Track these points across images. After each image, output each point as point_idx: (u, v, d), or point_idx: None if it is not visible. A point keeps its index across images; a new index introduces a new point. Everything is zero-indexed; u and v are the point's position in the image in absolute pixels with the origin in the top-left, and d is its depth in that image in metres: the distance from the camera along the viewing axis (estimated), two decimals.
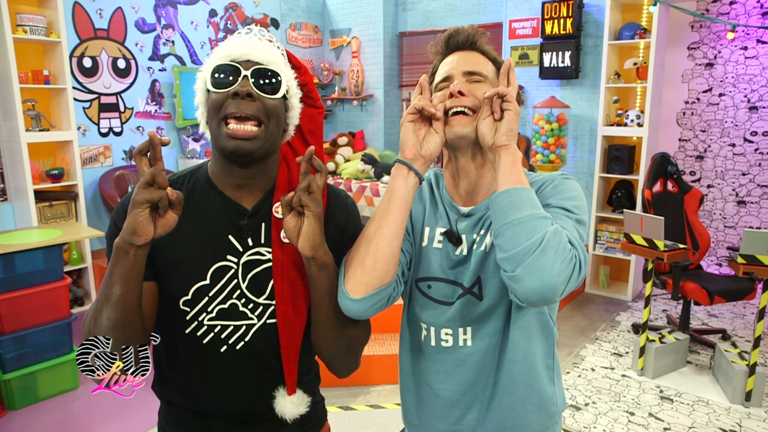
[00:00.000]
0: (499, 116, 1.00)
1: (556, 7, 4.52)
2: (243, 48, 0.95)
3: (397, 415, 2.86)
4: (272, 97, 0.96)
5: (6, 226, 3.96)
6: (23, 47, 3.80)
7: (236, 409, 1.04)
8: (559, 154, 4.54)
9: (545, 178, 1.09)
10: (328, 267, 0.96)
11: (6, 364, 2.71)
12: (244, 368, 1.02)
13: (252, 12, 5.72)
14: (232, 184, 1.01)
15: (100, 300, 0.87)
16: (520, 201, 0.93)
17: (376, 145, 6.35)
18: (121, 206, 0.99)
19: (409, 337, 1.18)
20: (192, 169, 1.08)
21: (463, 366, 1.10)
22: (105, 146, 4.60)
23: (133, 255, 0.85)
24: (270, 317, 1.02)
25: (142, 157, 0.87)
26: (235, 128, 0.92)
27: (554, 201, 1.03)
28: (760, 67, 4.41)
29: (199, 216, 1.00)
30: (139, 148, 0.87)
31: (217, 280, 0.99)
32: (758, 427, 2.72)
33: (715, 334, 3.77)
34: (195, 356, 1.01)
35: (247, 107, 0.92)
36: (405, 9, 6.10)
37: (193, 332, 1.00)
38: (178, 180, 1.05)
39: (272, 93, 0.96)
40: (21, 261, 2.71)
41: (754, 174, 4.54)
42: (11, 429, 2.64)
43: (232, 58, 0.95)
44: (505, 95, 1.00)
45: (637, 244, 3.20)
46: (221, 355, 1.01)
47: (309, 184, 0.91)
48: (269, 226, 1.02)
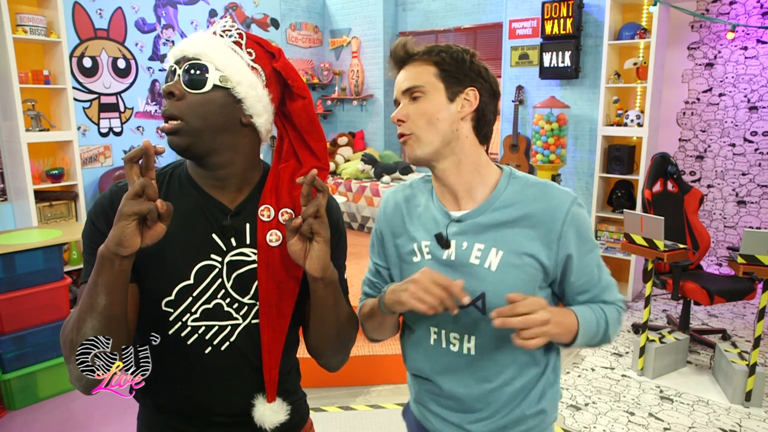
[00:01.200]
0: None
1: (556, 7, 4.52)
2: (180, 45, 0.95)
3: (398, 415, 2.87)
4: (197, 92, 0.92)
5: (6, 226, 3.96)
6: (23, 47, 3.80)
7: (220, 411, 1.02)
8: (559, 154, 4.54)
9: (558, 209, 1.05)
10: (334, 283, 0.96)
11: (6, 364, 2.71)
12: (228, 369, 1.00)
13: (252, 12, 5.72)
14: (207, 183, 1.00)
15: (83, 309, 0.85)
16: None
17: (376, 145, 6.35)
18: (99, 206, 0.96)
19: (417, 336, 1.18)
20: (172, 165, 1.05)
21: (468, 369, 1.11)
22: (105, 146, 4.60)
23: (119, 265, 0.82)
24: (254, 317, 1.00)
25: (132, 165, 0.82)
26: (163, 125, 0.94)
27: (582, 251, 1.08)
28: (760, 67, 4.40)
29: (181, 214, 0.97)
30: (130, 156, 0.82)
31: (201, 279, 0.97)
32: (758, 427, 2.72)
33: (715, 334, 3.77)
34: (178, 358, 0.98)
35: (169, 106, 0.93)
36: (405, 9, 6.10)
37: (176, 333, 0.97)
38: (158, 176, 1.00)
39: (199, 87, 0.92)
40: (21, 261, 2.71)
41: (754, 174, 4.54)
42: (11, 429, 2.64)
43: (173, 58, 0.95)
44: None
45: (637, 244, 3.19)
46: (205, 356, 0.98)
47: (317, 209, 0.88)
48: (254, 227, 0.99)
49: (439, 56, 1.05)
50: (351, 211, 5.54)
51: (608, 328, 1.10)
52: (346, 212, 5.58)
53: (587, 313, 1.08)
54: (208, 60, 0.93)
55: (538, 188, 1.08)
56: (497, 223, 1.06)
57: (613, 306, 1.13)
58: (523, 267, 1.04)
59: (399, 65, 1.10)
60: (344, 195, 5.45)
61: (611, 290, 1.13)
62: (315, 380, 3.06)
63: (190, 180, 1.01)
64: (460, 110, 1.05)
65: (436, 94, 1.04)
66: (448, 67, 1.05)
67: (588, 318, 1.07)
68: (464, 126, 1.07)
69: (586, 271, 1.08)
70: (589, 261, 1.09)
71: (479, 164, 1.09)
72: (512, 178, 1.10)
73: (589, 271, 1.09)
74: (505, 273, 1.04)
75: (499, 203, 1.07)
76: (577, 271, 1.08)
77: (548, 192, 1.07)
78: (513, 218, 1.05)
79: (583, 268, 1.08)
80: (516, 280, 1.04)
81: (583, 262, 1.07)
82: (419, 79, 1.05)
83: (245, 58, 0.96)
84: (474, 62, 1.07)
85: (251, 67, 0.97)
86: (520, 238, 1.04)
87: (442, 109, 1.04)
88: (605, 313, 1.10)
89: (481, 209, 1.08)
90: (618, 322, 1.12)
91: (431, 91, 1.05)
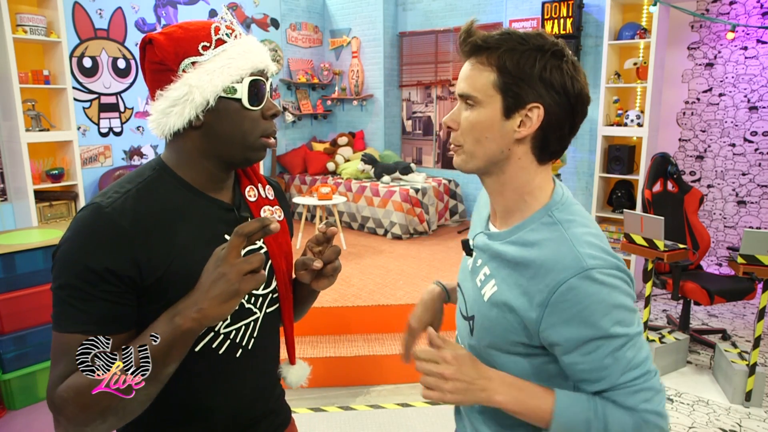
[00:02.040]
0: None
1: (556, 7, 4.52)
2: (263, 57, 0.94)
3: (398, 415, 2.87)
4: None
5: (6, 226, 3.96)
6: (23, 47, 3.80)
7: (241, 413, 1.01)
8: None
9: (554, 273, 0.83)
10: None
11: (6, 364, 2.71)
12: (252, 366, 0.99)
13: (252, 12, 5.72)
14: (209, 185, 0.95)
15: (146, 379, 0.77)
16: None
17: (376, 145, 6.35)
18: (92, 244, 0.81)
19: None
20: (150, 173, 0.91)
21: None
22: (105, 146, 4.60)
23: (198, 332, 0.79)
24: (268, 306, 1.01)
25: (244, 239, 0.77)
26: (271, 141, 0.97)
27: (577, 338, 0.83)
28: (760, 67, 4.40)
29: (194, 224, 0.91)
30: (247, 231, 0.76)
31: None
32: (758, 427, 2.72)
33: (715, 334, 3.77)
34: (203, 371, 0.92)
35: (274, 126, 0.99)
36: (405, 9, 6.10)
37: (206, 346, 0.91)
38: (140, 201, 0.86)
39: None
40: (21, 261, 2.71)
41: (754, 174, 4.54)
42: (11, 429, 2.64)
43: (260, 68, 0.93)
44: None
45: (637, 244, 3.19)
46: (236, 359, 0.96)
47: (338, 255, 0.99)
48: (251, 216, 1.00)
49: (502, 61, 0.86)
50: (351, 211, 5.53)
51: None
52: (346, 212, 5.58)
53: (575, 406, 0.85)
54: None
55: (556, 237, 0.87)
56: (506, 258, 0.92)
57: (628, 412, 0.84)
58: (504, 316, 0.90)
59: (464, 54, 0.92)
60: (344, 195, 5.45)
61: (634, 393, 0.83)
62: (315, 380, 3.05)
63: (188, 186, 0.93)
64: (517, 130, 0.88)
65: (491, 107, 0.88)
66: (509, 78, 0.86)
67: (573, 413, 0.85)
68: (519, 148, 0.90)
69: (586, 366, 0.85)
70: (592, 355, 0.83)
71: (527, 190, 0.92)
72: (548, 215, 0.91)
73: (592, 368, 0.84)
74: (491, 309, 0.93)
75: (517, 237, 0.92)
76: (572, 363, 0.86)
77: (560, 247, 0.85)
78: (519, 260, 0.89)
79: (579, 362, 0.85)
80: (498, 320, 0.91)
81: (578, 354, 0.84)
82: (474, 87, 0.88)
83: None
84: (548, 69, 0.85)
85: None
86: (514, 286, 0.89)
87: (494, 126, 0.88)
88: (606, 414, 0.84)
89: (502, 236, 0.94)
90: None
91: (486, 102, 0.88)
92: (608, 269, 0.83)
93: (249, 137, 0.92)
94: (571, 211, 0.91)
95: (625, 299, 0.83)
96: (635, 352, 0.83)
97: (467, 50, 0.90)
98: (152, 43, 0.88)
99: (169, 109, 0.87)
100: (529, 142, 0.90)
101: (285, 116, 6.15)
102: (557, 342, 0.84)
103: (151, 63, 0.89)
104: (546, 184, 0.94)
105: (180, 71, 0.87)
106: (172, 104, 0.87)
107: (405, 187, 5.21)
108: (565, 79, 0.86)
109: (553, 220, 0.89)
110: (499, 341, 0.92)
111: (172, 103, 0.87)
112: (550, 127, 0.88)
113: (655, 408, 0.84)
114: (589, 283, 0.81)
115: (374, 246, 4.94)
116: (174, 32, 0.89)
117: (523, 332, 0.88)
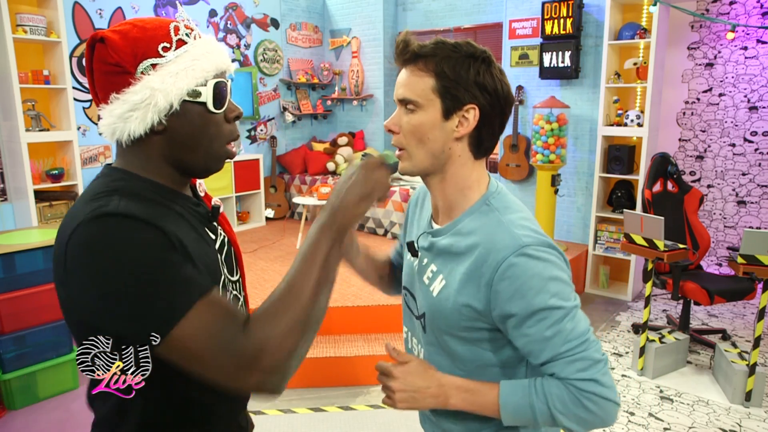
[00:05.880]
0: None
1: (556, 7, 4.52)
2: (225, 58, 0.92)
3: (398, 415, 2.87)
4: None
5: (6, 226, 3.96)
6: (23, 47, 3.80)
7: (241, 413, 1.01)
8: (559, 154, 4.54)
9: (495, 253, 0.91)
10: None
11: (6, 364, 2.71)
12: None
13: (252, 12, 5.72)
14: (183, 184, 0.95)
15: (320, 283, 0.81)
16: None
17: (376, 145, 6.35)
18: (159, 243, 0.77)
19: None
20: (117, 188, 0.83)
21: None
22: (105, 146, 4.60)
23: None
24: (240, 292, 1.03)
25: (379, 161, 0.94)
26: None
27: (523, 313, 0.90)
28: (760, 67, 4.40)
29: (187, 223, 0.89)
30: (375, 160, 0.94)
31: (218, 278, 0.97)
32: (758, 427, 2.72)
33: (715, 334, 3.77)
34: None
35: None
36: (405, 9, 6.10)
37: None
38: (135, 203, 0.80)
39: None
40: (21, 261, 2.71)
41: (754, 174, 4.54)
42: (11, 429, 2.64)
43: (224, 70, 0.91)
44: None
45: (637, 244, 3.19)
46: None
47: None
48: (208, 210, 0.99)
49: (440, 67, 0.93)
50: None
51: (552, 411, 0.91)
52: None
53: (517, 393, 0.94)
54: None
55: (493, 222, 0.96)
56: (450, 250, 0.99)
57: (564, 384, 0.90)
58: (455, 306, 0.96)
59: (401, 63, 0.99)
60: None
61: (571, 362, 0.90)
62: (315, 380, 3.06)
63: (169, 190, 0.90)
64: (456, 129, 0.96)
65: (431, 110, 0.95)
66: (448, 82, 0.93)
67: (516, 399, 0.93)
68: (458, 145, 0.98)
69: (532, 338, 0.91)
70: (535, 327, 0.89)
71: (466, 184, 1.01)
72: (485, 204, 1.00)
73: (536, 339, 0.90)
74: (442, 303, 0.99)
75: (459, 228, 1.00)
76: (520, 336, 0.92)
77: (497, 230, 0.94)
78: (463, 249, 0.97)
79: (526, 334, 0.91)
80: (451, 311, 0.97)
81: (525, 327, 0.90)
82: (414, 92, 0.95)
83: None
84: (481, 73, 0.94)
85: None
86: (460, 275, 0.96)
87: (435, 128, 0.95)
88: (545, 392, 0.92)
89: (445, 230, 1.02)
90: (577, 403, 0.89)
91: (426, 105, 0.95)
92: (542, 246, 0.91)
93: (214, 143, 0.89)
94: (506, 200, 1.01)
95: (560, 273, 0.91)
96: (575, 324, 0.90)
97: (407, 58, 0.96)
98: (105, 42, 0.82)
99: (129, 114, 0.82)
100: (467, 140, 0.98)
101: (285, 116, 6.16)
102: (506, 316, 0.91)
103: (104, 64, 0.83)
104: (482, 177, 1.03)
105: (138, 73, 0.82)
106: (132, 108, 0.82)
107: (405, 187, 5.21)
108: (495, 83, 0.95)
109: (490, 208, 0.99)
110: (454, 331, 0.98)
111: (131, 107, 0.81)
112: (484, 126, 0.97)
113: (592, 376, 0.89)
114: (526, 259, 0.89)
115: (374, 246, 4.93)
116: (129, 31, 0.83)
117: (477, 317, 0.95)
